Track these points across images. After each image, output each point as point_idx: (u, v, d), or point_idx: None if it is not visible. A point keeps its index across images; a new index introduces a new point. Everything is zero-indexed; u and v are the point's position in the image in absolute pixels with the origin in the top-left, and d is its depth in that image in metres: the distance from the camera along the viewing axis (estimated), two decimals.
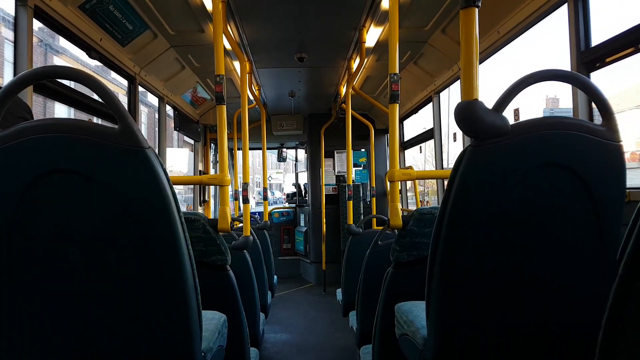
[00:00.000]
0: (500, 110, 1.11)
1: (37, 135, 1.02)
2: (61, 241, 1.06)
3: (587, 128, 1.14)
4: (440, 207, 1.20)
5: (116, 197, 1.04)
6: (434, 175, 2.85)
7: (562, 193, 1.15)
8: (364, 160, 6.41)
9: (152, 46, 3.39)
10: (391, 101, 2.13)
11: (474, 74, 1.20)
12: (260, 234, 3.87)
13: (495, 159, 1.12)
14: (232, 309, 1.95)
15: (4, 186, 1.02)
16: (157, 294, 1.10)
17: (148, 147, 1.05)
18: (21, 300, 1.08)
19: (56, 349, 1.11)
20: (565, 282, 1.20)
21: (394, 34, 2.11)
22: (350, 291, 3.30)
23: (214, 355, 1.38)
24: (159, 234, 1.07)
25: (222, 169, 2.22)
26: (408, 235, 2.01)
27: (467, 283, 1.19)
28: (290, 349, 3.66)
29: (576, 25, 2.17)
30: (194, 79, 4.49)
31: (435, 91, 4.15)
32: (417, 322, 1.49)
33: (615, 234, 1.17)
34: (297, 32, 3.45)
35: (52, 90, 2.48)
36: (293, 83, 4.95)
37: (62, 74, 1.07)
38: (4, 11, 10.89)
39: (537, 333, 1.23)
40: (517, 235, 1.16)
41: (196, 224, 1.95)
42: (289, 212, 7.09)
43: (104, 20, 2.71)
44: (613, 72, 2.21)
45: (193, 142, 5.88)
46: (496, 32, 2.86)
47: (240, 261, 2.53)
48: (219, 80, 2.18)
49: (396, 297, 1.88)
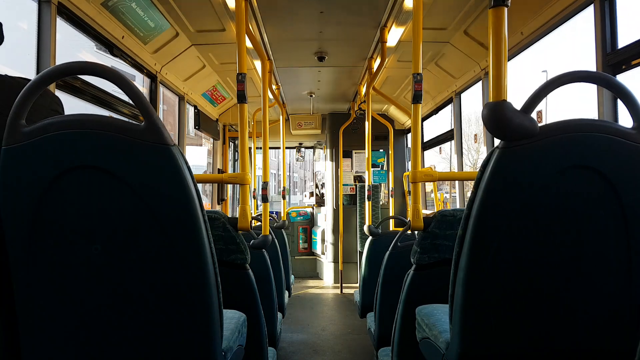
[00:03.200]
0: (529, 112, 1.09)
1: (63, 130, 1.02)
2: (83, 237, 1.06)
3: (617, 131, 1.11)
4: (466, 209, 1.18)
5: (140, 194, 1.04)
6: (456, 177, 2.79)
7: (590, 196, 1.12)
8: (382, 160, 6.36)
9: (174, 44, 3.41)
10: (414, 101, 2.10)
11: (502, 75, 1.17)
12: (278, 233, 3.86)
13: (523, 160, 1.10)
14: (251, 308, 1.94)
15: (29, 181, 1.03)
16: (179, 291, 1.10)
17: (173, 145, 1.04)
18: (41, 295, 1.08)
19: (75, 343, 1.11)
20: (593, 289, 1.16)
21: (417, 34, 2.08)
22: (368, 292, 3.28)
23: (233, 355, 1.37)
24: (183, 232, 1.07)
25: (243, 167, 2.20)
26: (429, 237, 1.99)
27: (493, 288, 1.16)
28: (306, 349, 3.65)
29: (602, 27, 2.13)
30: (214, 78, 4.51)
31: (456, 92, 4.09)
32: (440, 326, 1.46)
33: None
34: (318, 31, 3.43)
35: (75, 87, 2.51)
36: (312, 82, 4.94)
37: (88, 70, 1.07)
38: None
39: (564, 341, 1.19)
40: (544, 238, 1.13)
41: (217, 222, 1.94)
42: (306, 211, 7.09)
43: (126, 18, 2.73)
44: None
45: (212, 140, 5.91)
46: (520, 34, 2.81)
47: (259, 260, 2.53)
48: (241, 79, 2.17)
49: (416, 300, 1.86)
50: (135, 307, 1.10)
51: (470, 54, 3.50)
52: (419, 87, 2.07)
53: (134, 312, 1.10)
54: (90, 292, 1.09)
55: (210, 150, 6.64)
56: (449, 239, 1.96)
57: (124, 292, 1.09)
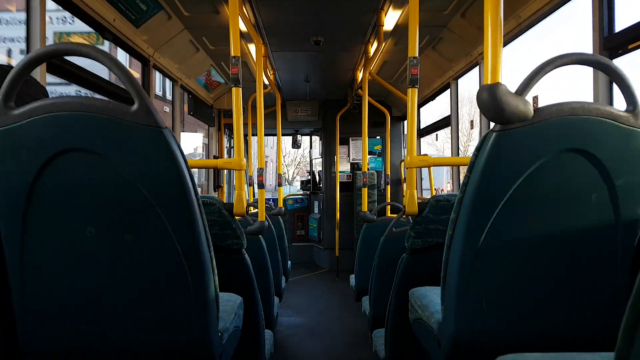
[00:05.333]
0: (523, 95, 1.09)
1: (53, 113, 1.00)
2: (77, 220, 1.06)
3: (611, 114, 1.11)
4: (460, 192, 1.19)
5: (132, 176, 1.03)
6: (451, 162, 2.80)
7: (583, 179, 1.12)
8: (379, 147, 6.34)
9: (166, 28, 3.36)
10: (410, 85, 2.09)
11: (498, 57, 1.17)
12: (274, 220, 3.87)
13: (517, 143, 1.10)
14: (247, 292, 1.96)
15: (19, 164, 1.02)
16: (175, 274, 1.10)
17: (165, 127, 1.03)
18: (36, 279, 1.08)
19: (71, 325, 1.12)
20: (584, 271, 1.18)
21: (414, 16, 2.07)
22: (363, 277, 3.31)
23: (230, 336, 1.39)
24: (177, 215, 1.06)
25: (238, 153, 2.19)
26: (423, 222, 2.00)
27: (484, 269, 1.18)
28: (303, 332, 3.70)
29: (600, 10, 2.11)
30: (208, 62, 4.46)
31: (454, 77, 4.06)
32: (432, 307, 1.49)
33: (635, 224, 1.15)
34: (314, 14, 3.38)
35: (66, 71, 2.47)
36: (308, 67, 4.90)
37: (79, 52, 1.04)
38: None
39: (555, 323, 1.21)
40: (537, 221, 1.14)
41: (212, 207, 1.94)
42: (302, 198, 7.10)
43: (118, 0, 2.68)
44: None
45: (207, 126, 5.87)
46: (517, 17, 2.78)
47: (255, 246, 2.54)
48: (234, 62, 2.14)
49: (410, 283, 1.88)
50: (131, 289, 1.10)
51: (468, 38, 3.47)
52: (416, 71, 2.06)
53: (130, 294, 1.11)
54: (85, 275, 1.09)
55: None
56: (443, 223, 1.98)
57: (119, 275, 1.09)
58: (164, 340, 1.15)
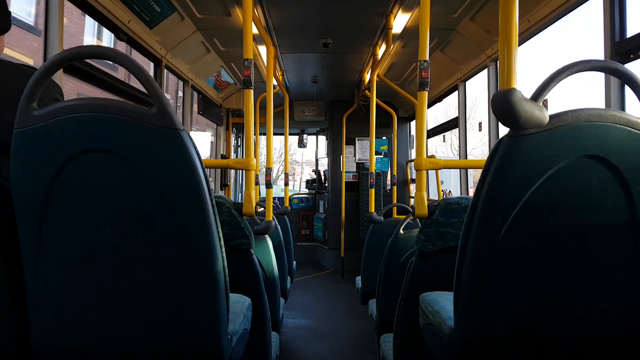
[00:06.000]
0: (538, 100, 1.08)
1: (74, 114, 1.03)
2: (94, 220, 1.07)
3: (627, 120, 1.10)
4: (474, 197, 1.18)
5: (150, 177, 1.05)
6: (461, 165, 2.79)
7: (599, 186, 1.11)
8: (385, 148, 6.34)
9: (179, 29, 3.39)
10: (420, 88, 2.08)
11: (512, 62, 1.16)
12: (280, 219, 3.88)
13: (532, 150, 1.09)
14: (255, 293, 1.96)
15: (40, 163, 1.04)
16: (188, 275, 1.11)
17: (182, 129, 1.05)
18: (51, 277, 1.10)
19: (84, 324, 1.14)
20: (599, 277, 1.17)
21: (424, 20, 2.06)
22: (369, 279, 3.30)
23: (239, 338, 1.38)
24: (191, 216, 1.08)
25: (247, 153, 2.21)
26: (434, 225, 1.98)
27: (499, 275, 1.17)
28: (308, 334, 3.69)
29: (611, 15, 2.10)
30: (219, 63, 4.49)
31: (462, 79, 4.06)
32: (444, 313, 1.46)
33: None
34: (324, 17, 3.40)
35: (83, 72, 2.51)
36: (316, 69, 4.91)
37: (100, 54, 1.07)
38: None
39: (570, 329, 1.20)
40: (551, 227, 1.14)
41: (222, 207, 1.95)
42: (308, 198, 7.10)
43: (133, 2, 2.72)
44: None
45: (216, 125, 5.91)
46: (527, 21, 2.77)
47: (262, 245, 2.55)
48: (247, 65, 2.15)
49: (420, 287, 1.85)
50: (144, 289, 1.12)
51: (476, 41, 3.47)
52: (426, 74, 2.05)
53: (143, 294, 1.12)
54: (99, 274, 1.10)
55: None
56: (454, 227, 1.95)
57: (133, 275, 1.11)
58: (174, 342, 1.15)
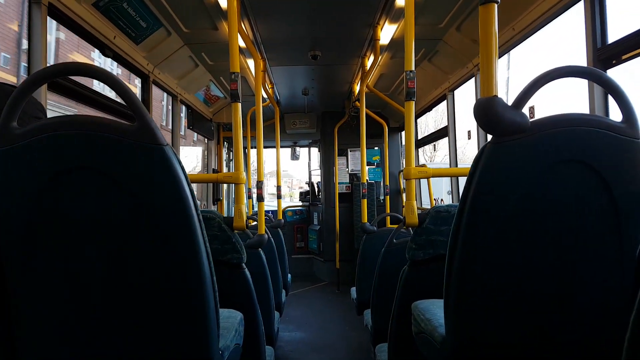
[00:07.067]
0: (519, 107, 1.10)
1: (56, 132, 1.01)
2: (78, 238, 1.06)
3: (608, 125, 1.12)
4: (460, 204, 1.19)
5: (134, 194, 1.04)
6: (449, 173, 2.81)
7: (581, 190, 1.13)
8: (377, 158, 6.36)
9: (166, 44, 3.39)
10: (407, 98, 2.10)
11: (493, 71, 1.19)
12: (274, 233, 3.86)
13: (514, 155, 1.11)
14: (247, 307, 1.95)
15: (21, 183, 1.02)
16: (176, 292, 1.10)
17: (166, 145, 1.04)
18: (36, 296, 1.08)
19: (71, 343, 1.11)
20: (585, 281, 1.17)
21: (409, 31, 2.09)
22: (364, 289, 3.28)
23: (231, 353, 1.37)
24: (178, 232, 1.07)
25: (237, 167, 2.21)
26: (424, 233, 1.99)
27: (487, 280, 1.17)
28: (304, 347, 3.65)
29: (592, 22, 2.14)
30: (207, 77, 4.49)
31: (450, 89, 4.10)
32: (435, 320, 1.48)
33: (636, 233, 1.15)
34: (311, 29, 3.43)
35: (66, 88, 2.49)
36: (306, 81, 4.94)
37: (80, 71, 1.07)
38: None
39: (559, 332, 1.20)
40: (536, 232, 1.15)
41: (212, 222, 1.95)
42: (302, 210, 7.08)
43: (118, 18, 2.72)
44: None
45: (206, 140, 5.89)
46: (511, 29, 2.82)
47: (255, 259, 2.53)
48: (234, 78, 2.16)
49: (412, 295, 1.86)
50: (132, 306, 1.10)
51: (463, 51, 3.51)
52: (412, 84, 2.08)
53: (131, 311, 1.10)
54: (86, 292, 1.08)
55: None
56: (444, 234, 1.97)
57: (120, 292, 1.09)
58: (164, 358, 1.14)
